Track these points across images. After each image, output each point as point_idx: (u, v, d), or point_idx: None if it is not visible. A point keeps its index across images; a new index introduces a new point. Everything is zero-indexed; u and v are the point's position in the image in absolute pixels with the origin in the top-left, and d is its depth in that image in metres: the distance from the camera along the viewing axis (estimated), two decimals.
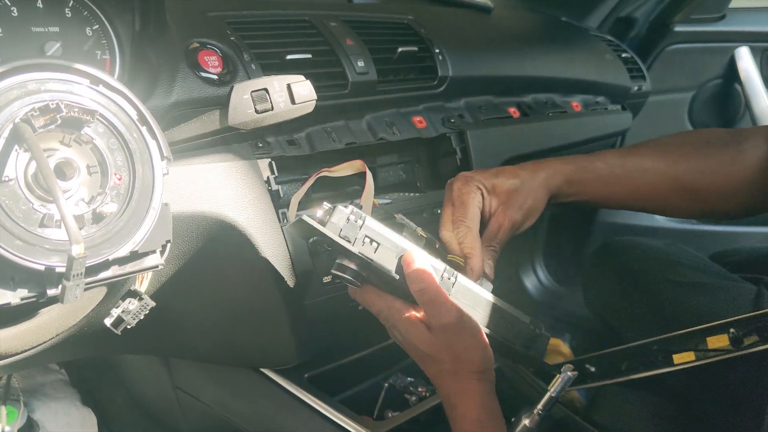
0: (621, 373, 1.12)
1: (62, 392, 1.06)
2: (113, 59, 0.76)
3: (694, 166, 0.92)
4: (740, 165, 0.92)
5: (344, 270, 0.73)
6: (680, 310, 1.14)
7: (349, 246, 0.71)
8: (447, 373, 0.75)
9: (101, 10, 0.75)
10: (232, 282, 0.86)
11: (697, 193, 0.94)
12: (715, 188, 0.93)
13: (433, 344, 0.74)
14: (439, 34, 1.09)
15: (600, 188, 0.93)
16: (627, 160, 0.93)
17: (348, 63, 0.92)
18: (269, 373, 0.92)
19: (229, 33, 0.84)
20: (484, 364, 0.75)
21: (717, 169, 0.92)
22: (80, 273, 0.48)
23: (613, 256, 1.33)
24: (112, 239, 0.55)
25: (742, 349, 0.95)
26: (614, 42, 1.57)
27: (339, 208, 0.70)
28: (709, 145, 0.94)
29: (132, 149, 0.57)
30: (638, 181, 0.93)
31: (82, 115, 0.53)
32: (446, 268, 0.77)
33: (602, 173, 0.92)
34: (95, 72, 0.56)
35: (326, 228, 0.70)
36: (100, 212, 0.54)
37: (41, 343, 0.77)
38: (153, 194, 0.57)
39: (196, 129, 0.66)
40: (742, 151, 0.93)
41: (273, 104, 0.66)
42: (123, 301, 0.65)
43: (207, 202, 0.77)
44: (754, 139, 0.94)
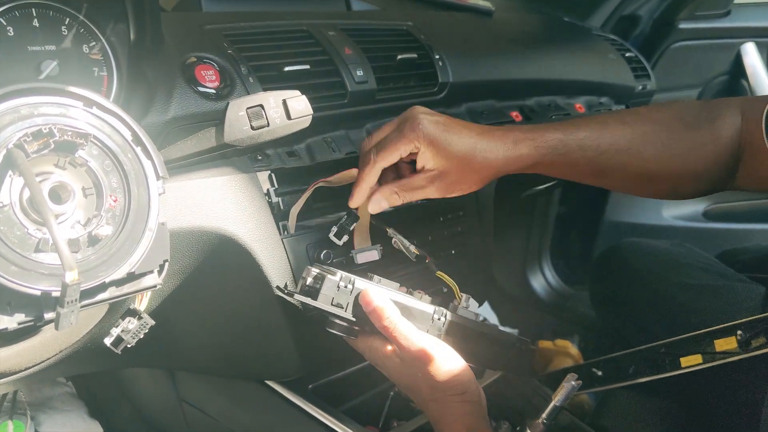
0: (628, 377, 1.11)
1: (69, 405, 1.06)
2: (110, 76, 0.76)
3: (668, 149, 0.89)
4: (713, 145, 0.90)
5: (338, 328, 0.76)
6: (687, 312, 1.13)
7: (342, 313, 0.74)
8: (428, 401, 0.76)
9: (97, 27, 0.75)
10: (234, 296, 0.86)
11: (668, 175, 0.91)
12: (685, 170, 0.91)
13: (407, 375, 0.75)
14: (439, 39, 1.08)
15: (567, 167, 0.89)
16: (602, 141, 0.88)
17: (347, 72, 0.92)
18: (274, 385, 0.92)
19: (226, 46, 0.83)
20: (462, 386, 0.74)
21: (689, 151, 0.90)
22: (75, 299, 0.48)
23: (620, 258, 1.32)
24: (108, 261, 0.55)
25: (749, 351, 0.95)
26: (618, 41, 1.55)
27: (328, 278, 0.73)
28: (685, 125, 0.91)
29: (127, 170, 0.57)
30: (609, 162, 0.89)
31: (75, 138, 0.53)
32: (435, 309, 0.79)
33: (574, 155, 0.87)
34: (88, 94, 0.56)
35: (319, 301, 0.73)
36: (96, 235, 0.54)
37: (44, 360, 0.78)
38: (149, 215, 0.57)
39: (193, 147, 0.65)
40: (715, 130, 0.90)
41: (269, 120, 0.66)
42: (122, 320, 0.65)
43: (207, 217, 0.77)
44: (727, 114, 0.91)
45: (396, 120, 0.86)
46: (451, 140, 0.82)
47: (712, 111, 0.93)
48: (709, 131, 0.91)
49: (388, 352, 0.76)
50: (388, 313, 0.73)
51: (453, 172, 0.83)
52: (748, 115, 0.90)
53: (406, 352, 0.73)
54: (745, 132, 0.90)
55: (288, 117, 0.67)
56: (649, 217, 1.93)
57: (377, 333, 0.76)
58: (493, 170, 0.85)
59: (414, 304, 0.78)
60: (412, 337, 0.73)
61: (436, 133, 0.82)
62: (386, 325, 0.73)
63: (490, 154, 0.84)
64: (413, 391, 0.77)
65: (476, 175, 0.85)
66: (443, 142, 0.82)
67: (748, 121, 0.90)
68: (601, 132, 0.88)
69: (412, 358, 0.74)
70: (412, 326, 0.75)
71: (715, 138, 0.90)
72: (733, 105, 0.93)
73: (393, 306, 0.74)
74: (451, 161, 0.83)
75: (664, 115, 0.93)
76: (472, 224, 1.05)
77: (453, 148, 0.82)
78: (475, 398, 0.75)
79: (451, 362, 0.74)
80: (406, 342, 0.73)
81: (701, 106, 0.95)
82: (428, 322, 0.79)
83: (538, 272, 1.98)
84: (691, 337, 1.02)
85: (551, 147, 0.86)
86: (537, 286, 1.97)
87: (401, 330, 0.73)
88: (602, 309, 1.40)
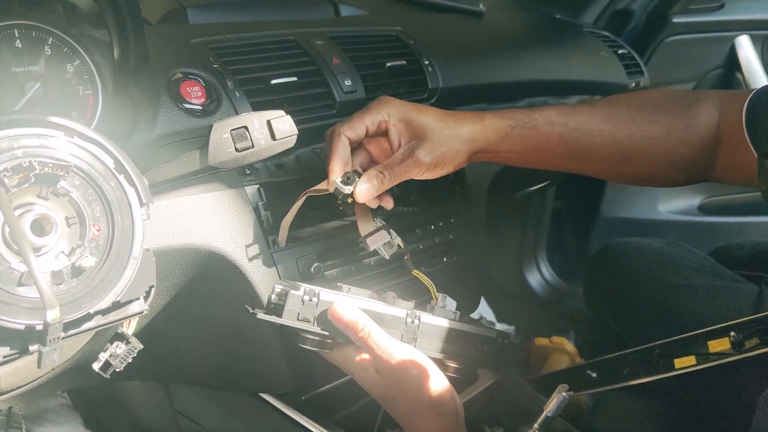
0: (622, 379, 1.11)
1: (65, 417, 1.07)
2: (95, 94, 0.75)
3: (640, 132, 0.88)
4: (687, 131, 0.89)
5: (310, 342, 0.75)
6: (681, 313, 1.13)
7: (309, 327, 0.73)
8: (404, 414, 0.75)
9: (81, 46, 0.74)
10: (225, 311, 0.86)
11: (641, 159, 0.90)
12: (660, 155, 0.90)
13: (383, 387, 0.74)
14: (429, 44, 1.08)
15: (538, 147, 0.88)
16: (570, 119, 0.88)
17: (335, 83, 0.91)
18: (267, 397, 0.92)
19: (212, 60, 0.83)
20: (438, 398, 0.73)
21: (664, 136, 0.89)
22: (57, 337, 0.48)
23: (614, 258, 1.32)
24: (92, 292, 0.55)
25: (743, 352, 0.95)
26: (610, 38, 1.54)
27: (291, 293, 0.72)
28: (659, 109, 0.90)
29: (110, 199, 0.56)
30: (580, 143, 0.88)
31: (56, 170, 0.52)
32: (408, 312, 0.78)
33: (543, 130, 0.87)
34: (69, 123, 0.55)
35: (284, 318, 0.72)
36: (80, 266, 0.54)
37: (36, 378, 0.78)
38: (133, 243, 0.57)
39: (177, 170, 0.65)
40: (692, 117, 0.89)
41: (253, 142, 0.65)
42: (111, 344, 0.65)
43: (195, 234, 0.77)
44: (705, 105, 0.90)
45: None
46: (419, 115, 0.83)
47: (687, 100, 0.92)
48: (683, 117, 0.89)
49: (364, 364, 0.75)
50: (361, 325, 0.72)
51: (428, 139, 0.82)
52: (726, 108, 0.89)
53: (382, 363, 0.72)
54: (723, 126, 0.89)
55: (273, 138, 0.66)
56: (644, 211, 1.93)
57: (351, 344, 0.75)
58: (465, 138, 0.84)
59: (385, 310, 0.77)
60: (388, 347, 0.72)
61: (404, 108, 0.83)
62: (361, 336, 0.72)
63: (459, 125, 0.84)
64: (389, 404, 0.76)
65: (452, 142, 0.84)
66: (412, 116, 0.82)
67: (727, 115, 0.89)
68: (569, 111, 0.88)
69: (388, 370, 0.72)
70: (387, 336, 0.74)
71: (689, 125, 0.89)
72: (711, 98, 0.91)
73: (365, 316, 0.73)
74: (422, 129, 0.82)
75: (637, 99, 0.92)
76: (464, 231, 1.04)
77: (422, 121, 0.82)
78: (451, 411, 0.74)
79: (427, 375, 0.73)
80: (381, 353, 0.72)
81: (678, 93, 0.95)
82: (402, 326, 0.77)
83: (534, 268, 1.98)
84: (684, 338, 1.02)
85: (518, 119, 0.86)
86: (533, 282, 1.97)
87: (376, 340, 0.72)
88: (597, 309, 1.40)
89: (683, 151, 0.89)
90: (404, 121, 0.82)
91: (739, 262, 1.32)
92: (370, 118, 0.82)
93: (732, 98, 0.90)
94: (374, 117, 0.82)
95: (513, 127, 0.86)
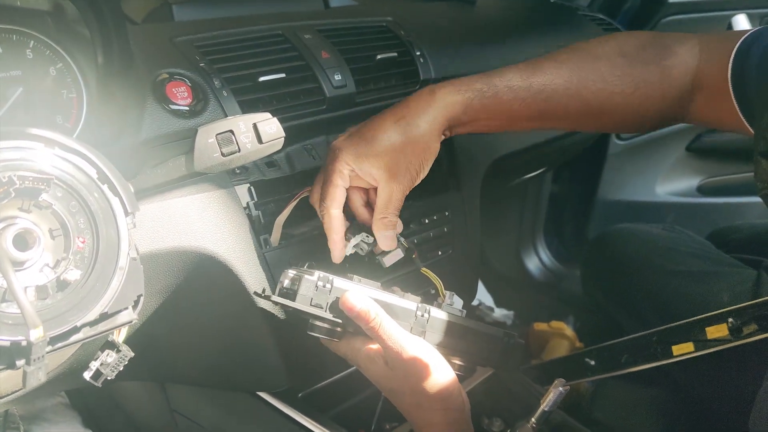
0: (621, 366, 1.11)
1: (63, 416, 1.06)
2: (80, 97, 0.74)
3: (608, 87, 0.85)
4: (660, 84, 0.86)
5: (319, 330, 0.75)
6: (679, 300, 1.13)
7: (322, 313, 0.72)
8: (411, 406, 0.75)
9: (63, 48, 0.73)
10: (219, 311, 0.85)
11: (610, 114, 0.87)
12: (630, 109, 0.87)
13: (392, 378, 0.74)
14: (421, 34, 1.06)
15: (502, 112, 0.84)
16: (533, 80, 0.84)
17: (324, 77, 0.90)
18: (264, 395, 0.92)
19: (198, 59, 0.81)
20: (446, 392, 0.73)
21: (634, 89, 0.85)
22: (41, 356, 0.47)
23: (611, 245, 1.31)
24: (79, 305, 0.54)
25: (741, 338, 0.95)
26: (605, 21, 1.53)
27: (305, 278, 0.72)
28: (629, 61, 0.85)
29: (94, 210, 0.55)
30: (545, 103, 0.84)
31: (37, 184, 0.51)
32: (418, 306, 0.78)
33: (504, 97, 0.83)
34: (49, 135, 0.54)
35: (297, 302, 0.71)
36: (65, 279, 0.53)
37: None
38: (119, 254, 0.56)
39: (163, 176, 0.64)
40: (666, 68, 0.86)
41: (240, 146, 0.64)
42: (101, 352, 0.64)
43: (185, 237, 0.76)
44: (680, 52, 0.86)
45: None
46: (372, 143, 0.80)
47: (662, 45, 0.87)
48: (657, 69, 0.86)
49: (372, 355, 0.75)
50: (373, 314, 0.72)
51: (392, 169, 0.80)
52: (706, 54, 0.85)
53: (392, 354, 0.72)
54: (701, 71, 0.85)
55: (259, 141, 0.65)
56: (642, 194, 1.92)
57: (360, 334, 0.75)
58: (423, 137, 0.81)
59: (396, 301, 0.77)
60: (398, 338, 0.72)
61: (354, 144, 0.81)
62: (372, 326, 0.72)
63: (412, 130, 0.81)
64: (396, 396, 0.76)
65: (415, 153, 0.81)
66: (365, 148, 0.80)
67: (707, 61, 0.85)
68: (532, 72, 0.85)
69: (398, 361, 0.72)
70: (399, 327, 0.74)
71: (664, 77, 0.86)
72: (688, 42, 0.87)
73: (377, 306, 0.73)
74: (385, 156, 0.80)
75: (605, 49, 0.87)
76: (459, 223, 1.03)
77: (378, 146, 0.80)
78: (458, 405, 0.74)
79: (437, 369, 0.73)
80: (392, 343, 0.72)
81: (651, 39, 0.89)
82: (411, 319, 0.77)
83: (532, 253, 1.98)
84: (682, 324, 1.02)
85: (476, 89, 0.82)
86: (531, 267, 1.96)
87: (387, 331, 0.72)
88: (595, 296, 1.40)
89: (655, 102, 0.86)
90: (361, 156, 0.80)
91: (737, 246, 1.31)
92: (337, 177, 0.80)
93: (714, 44, 0.86)
94: (339, 174, 0.80)
95: (471, 99, 0.82)
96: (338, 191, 0.81)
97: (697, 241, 1.30)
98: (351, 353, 0.77)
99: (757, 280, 1.09)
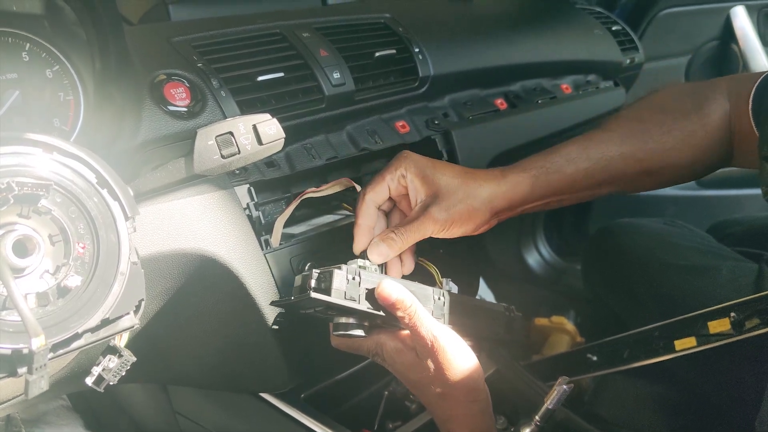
0: (623, 361, 1.11)
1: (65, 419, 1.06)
2: (77, 99, 0.74)
3: (658, 145, 0.89)
4: (703, 131, 0.89)
5: (346, 327, 0.74)
6: (680, 294, 1.12)
7: (357, 306, 0.70)
8: (436, 398, 0.75)
9: (59, 50, 0.72)
10: (219, 313, 0.85)
11: (664, 169, 0.91)
12: (680, 161, 0.90)
13: (420, 369, 0.73)
14: (419, 30, 1.05)
15: (566, 188, 0.88)
16: (590, 151, 0.88)
17: (323, 76, 0.89)
18: (267, 396, 0.92)
19: (195, 59, 0.81)
20: (473, 383, 0.73)
21: (682, 143, 0.89)
22: (43, 364, 0.47)
23: (612, 239, 1.31)
24: (80, 311, 0.54)
25: (743, 332, 0.94)
26: (603, 14, 1.52)
27: (336, 272, 0.69)
28: (671, 116, 0.90)
29: (93, 216, 0.55)
30: (605, 171, 0.88)
31: (35, 190, 0.51)
32: (434, 290, 0.78)
33: (567, 171, 0.87)
34: (47, 140, 0.54)
35: (333, 297, 0.68)
36: (65, 286, 0.53)
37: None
38: (119, 259, 0.56)
39: (163, 179, 0.64)
40: (704, 116, 0.89)
41: (239, 147, 0.64)
42: (103, 357, 0.64)
43: (186, 239, 0.75)
44: (714, 98, 0.90)
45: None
46: (435, 171, 0.83)
47: (697, 96, 0.91)
48: (697, 118, 0.90)
49: (400, 346, 0.74)
50: (408, 302, 0.71)
51: (442, 201, 0.81)
52: (734, 96, 0.89)
53: (424, 343, 0.71)
54: (733, 115, 0.89)
55: (259, 142, 0.65)
56: None
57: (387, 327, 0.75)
58: (483, 202, 0.84)
59: (416, 288, 0.76)
60: (432, 327, 0.71)
61: (423, 162, 0.83)
62: (409, 314, 0.71)
63: (477, 187, 0.83)
64: (422, 387, 0.75)
65: (468, 205, 0.83)
66: (428, 172, 0.82)
67: (736, 103, 0.89)
68: (587, 144, 0.88)
69: (429, 350, 0.72)
70: (430, 316, 0.73)
71: (703, 124, 0.89)
72: (719, 87, 0.91)
73: (411, 295, 0.72)
74: (437, 190, 0.82)
75: (647, 110, 0.92)
76: None
77: (438, 178, 0.82)
78: (483, 397, 0.75)
79: (465, 359, 0.73)
80: (425, 332, 0.71)
81: (686, 92, 0.94)
82: (431, 304, 0.77)
83: (532, 248, 1.97)
84: (684, 319, 1.01)
85: (540, 167, 0.86)
86: (532, 262, 1.96)
87: (422, 319, 0.71)
88: (596, 291, 1.39)
89: (703, 150, 0.90)
90: (420, 176, 0.82)
91: (737, 239, 1.31)
92: (390, 175, 0.82)
93: (739, 85, 0.90)
94: (393, 174, 0.82)
95: (536, 177, 0.86)
96: (383, 186, 0.82)
97: (698, 234, 1.29)
98: (376, 348, 0.76)
99: (759, 274, 1.09)
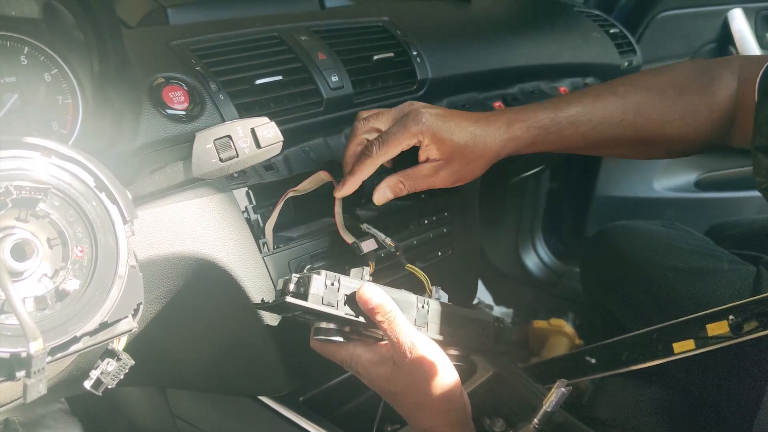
0: (621, 364, 1.11)
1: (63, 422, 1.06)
2: (75, 102, 0.74)
3: (660, 117, 0.90)
4: (708, 109, 0.90)
5: (326, 333, 0.73)
6: (679, 297, 1.12)
7: (335, 311, 0.70)
8: (414, 407, 0.74)
9: (58, 54, 0.72)
10: (218, 316, 0.85)
11: (661, 140, 0.92)
12: (680, 134, 0.91)
13: (396, 379, 0.73)
14: (417, 33, 1.06)
15: (560, 147, 0.90)
16: (593, 115, 0.89)
17: (321, 79, 0.90)
18: (265, 400, 0.92)
19: (194, 62, 0.81)
20: (450, 393, 0.73)
21: (683, 117, 0.90)
22: (42, 368, 0.47)
23: (610, 242, 1.31)
24: (78, 315, 0.54)
25: (742, 335, 0.94)
26: (601, 17, 1.52)
27: (314, 277, 0.69)
28: (678, 90, 0.91)
29: (91, 219, 0.55)
30: (602, 136, 0.90)
31: (34, 194, 0.51)
32: (418, 298, 0.77)
33: (566, 132, 0.89)
34: (45, 143, 0.54)
35: (309, 302, 0.69)
36: (63, 289, 0.53)
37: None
38: (118, 262, 0.56)
39: (161, 183, 0.64)
40: (711, 94, 0.90)
41: (238, 151, 0.64)
42: (102, 361, 0.64)
43: (184, 242, 0.75)
44: (723, 76, 0.91)
45: (393, 112, 0.86)
46: (452, 130, 0.84)
47: (708, 73, 0.92)
48: (704, 95, 0.90)
49: (377, 359, 0.73)
50: (388, 308, 0.70)
51: (456, 160, 0.85)
52: (744, 74, 0.90)
53: (401, 351, 0.70)
54: (739, 91, 0.90)
55: (258, 146, 0.65)
56: (640, 189, 1.92)
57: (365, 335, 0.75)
58: (492, 155, 0.86)
59: (399, 295, 0.76)
60: (410, 334, 0.71)
61: (439, 125, 0.83)
62: (388, 319, 0.70)
63: (488, 140, 0.85)
64: (399, 398, 0.75)
65: (478, 161, 0.86)
66: (446, 133, 0.83)
67: (744, 81, 0.89)
68: (593, 106, 0.89)
69: (406, 358, 0.70)
70: (408, 323, 0.72)
71: (710, 102, 0.90)
72: (730, 65, 0.92)
73: (391, 301, 0.71)
74: (453, 151, 0.84)
75: (659, 81, 0.92)
76: (458, 224, 1.03)
77: (455, 138, 0.84)
78: (460, 406, 0.74)
79: (443, 368, 0.72)
80: (404, 339, 0.70)
81: (698, 68, 0.94)
82: (414, 312, 0.76)
83: (530, 250, 1.97)
84: (682, 322, 1.02)
85: (542, 127, 0.88)
86: (530, 264, 1.96)
87: (400, 326, 0.71)
88: (594, 294, 1.39)
89: (704, 128, 0.91)
90: (437, 141, 0.83)
91: (735, 241, 1.31)
92: (408, 141, 0.83)
93: (752, 63, 0.90)
94: (411, 140, 0.83)
95: (537, 136, 0.88)
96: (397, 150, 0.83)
97: (696, 237, 1.29)
98: (350, 360, 0.75)
99: (757, 277, 1.09)
